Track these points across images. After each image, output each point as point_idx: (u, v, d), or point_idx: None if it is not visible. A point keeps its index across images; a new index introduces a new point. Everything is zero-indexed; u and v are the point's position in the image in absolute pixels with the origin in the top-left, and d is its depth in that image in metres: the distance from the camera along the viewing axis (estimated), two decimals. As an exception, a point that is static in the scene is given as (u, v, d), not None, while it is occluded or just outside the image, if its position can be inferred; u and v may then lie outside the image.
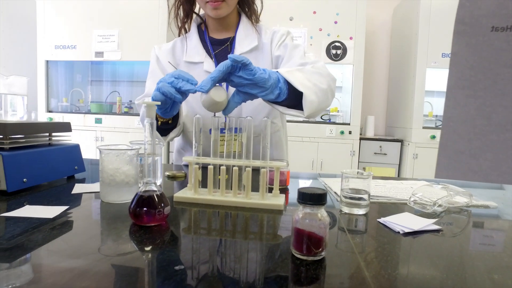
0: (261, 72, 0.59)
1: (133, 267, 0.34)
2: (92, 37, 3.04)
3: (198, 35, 0.92)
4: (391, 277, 0.33)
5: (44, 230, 0.42)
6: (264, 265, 0.35)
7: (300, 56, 0.84)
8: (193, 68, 0.90)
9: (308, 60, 0.81)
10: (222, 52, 0.90)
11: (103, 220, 0.50)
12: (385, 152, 2.80)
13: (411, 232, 0.45)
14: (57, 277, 0.31)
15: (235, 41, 0.90)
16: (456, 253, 0.41)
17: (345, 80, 3.18)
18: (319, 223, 0.35)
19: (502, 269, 0.35)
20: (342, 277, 0.33)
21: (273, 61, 0.89)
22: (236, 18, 0.93)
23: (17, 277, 0.31)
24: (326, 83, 0.74)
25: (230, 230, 0.47)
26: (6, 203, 0.53)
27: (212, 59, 0.89)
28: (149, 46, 2.90)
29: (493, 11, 0.26)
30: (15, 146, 0.58)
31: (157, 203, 0.44)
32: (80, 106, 3.42)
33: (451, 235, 0.46)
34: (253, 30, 0.90)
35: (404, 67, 2.96)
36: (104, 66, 3.56)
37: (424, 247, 0.42)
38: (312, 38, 2.78)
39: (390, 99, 3.34)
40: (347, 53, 2.74)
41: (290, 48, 0.86)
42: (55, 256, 0.36)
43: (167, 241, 0.41)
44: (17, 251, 0.36)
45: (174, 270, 0.33)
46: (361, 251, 0.39)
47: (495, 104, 0.27)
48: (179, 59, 0.92)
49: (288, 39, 0.89)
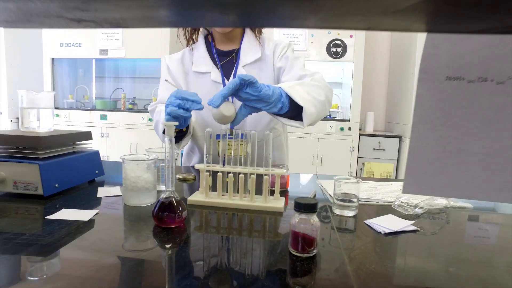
0: (266, 89, 0.67)
1: (158, 262, 0.42)
2: (96, 34, 3.10)
3: (205, 46, 0.99)
4: (369, 271, 0.41)
5: (83, 230, 0.51)
6: (266, 260, 0.43)
7: (300, 67, 0.91)
8: (201, 77, 0.97)
9: (308, 72, 0.89)
10: (228, 63, 0.97)
11: (129, 221, 0.58)
12: (383, 148, 2.88)
13: (391, 232, 0.53)
14: (115, 268, 0.39)
15: (240, 53, 0.97)
16: (426, 250, 0.49)
17: (345, 76, 3.24)
18: (311, 227, 0.43)
19: (459, 263, 0.44)
20: (329, 270, 0.41)
21: (275, 72, 0.96)
22: (241, 30, 1.00)
23: (59, 268, 0.39)
24: (324, 94, 0.81)
25: (237, 229, 0.55)
26: (43, 206, 0.62)
27: (219, 70, 0.96)
28: (152, 43, 2.98)
29: (448, 64, 0.33)
30: (48, 156, 0.66)
31: (176, 208, 0.52)
32: (85, 102, 3.50)
33: (427, 234, 0.54)
34: (256, 42, 0.97)
35: (403, 63, 3.01)
36: (107, 62, 3.62)
37: (400, 245, 0.50)
38: (313, 36, 2.83)
39: (390, 95, 3.40)
40: (347, 50, 2.79)
41: (291, 60, 0.93)
42: (96, 252, 0.44)
43: (185, 239, 0.50)
44: (62, 249, 0.44)
45: (194, 264, 0.41)
46: (347, 248, 0.47)
47: (449, 136, 0.35)
48: (187, 69, 0.99)
49: (289, 51, 0.96)
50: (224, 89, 0.65)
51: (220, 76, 0.95)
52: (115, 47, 3.09)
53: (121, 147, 3.13)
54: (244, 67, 0.95)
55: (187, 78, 0.99)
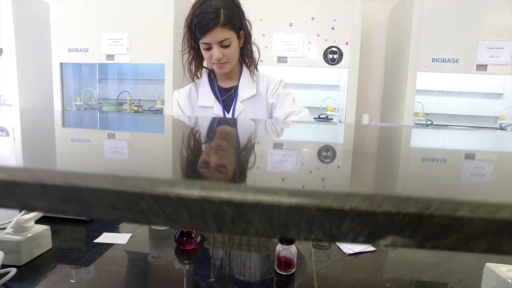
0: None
1: (182, 274, 0.59)
2: (102, 40, 3.24)
3: (209, 82, 1.15)
4: (332, 283, 0.58)
5: (124, 251, 0.68)
6: (258, 273, 0.61)
7: (290, 104, 1.08)
8: (206, 110, 1.14)
9: (296, 109, 1.05)
10: (228, 98, 1.14)
11: (154, 243, 0.75)
12: (377, 150, 3.04)
13: (354, 253, 0.70)
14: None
15: (238, 89, 1.13)
16: (376, 268, 0.66)
17: (342, 79, 3.38)
18: (291, 254, 0.60)
19: (395, 280, 0.61)
20: (302, 284, 0.58)
21: (268, 107, 1.12)
22: (238, 69, 1.16)
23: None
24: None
25: (238, 243, 0.73)
26: (86, 228, 0.79)
27: (220, 104, 1.12)
28: (157, 49, 3.12)
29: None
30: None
31: (192, 234, 0.69)
32: (91, 104, 3.66)
33: (382, 254, 0.71)
34: (251, 80, 1.13)
35: (398, 68, 3.15)
36: (112, 64, 3.76)
37: (358, 264, 0.67)
38: (310, 43, 2.96)
39: (385, 97, 3.54)
40: (343, 57, 2.93)
41: (281, 97, 1.09)
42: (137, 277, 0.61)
43: (199, 257, 0.67)
44: (107, 267, 0.62)
45: (207, 275, 0.58)
46: (318, 265, 0.64)
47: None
48: (194, 103, 1.16)
49: (280, 88, 1.12)
50: None
51: (221, 110, 1.12)
52: (120, 52, 3.23)
53: (128, 148, 3.29)
54: (241, 102, 1.11)
55: (194, 111, 1.15)
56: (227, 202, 0.18)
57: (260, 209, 0.18)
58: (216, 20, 0.97)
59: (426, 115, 3.18)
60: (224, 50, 1.02)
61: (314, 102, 3.47)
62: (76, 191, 0.20)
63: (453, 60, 2.71)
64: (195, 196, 0.19)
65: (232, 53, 1.04)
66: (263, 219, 0.18)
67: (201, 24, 0.97)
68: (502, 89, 3.21)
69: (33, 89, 3.58)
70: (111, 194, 0.19)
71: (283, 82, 1.15)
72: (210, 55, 1.03)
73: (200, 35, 1.00)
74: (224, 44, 1.01)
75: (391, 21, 3.43)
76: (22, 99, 3.42)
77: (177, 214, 0.19)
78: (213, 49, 1.01)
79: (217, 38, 0.99)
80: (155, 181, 0.19)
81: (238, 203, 0.18)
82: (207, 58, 1.06)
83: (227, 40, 1.01)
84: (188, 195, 0.19)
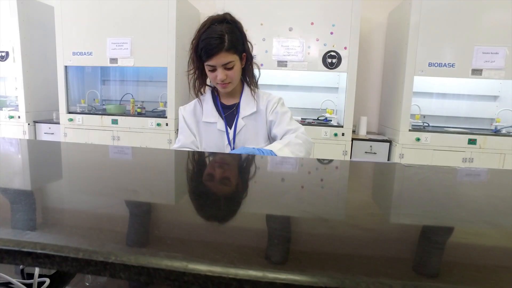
0: (261, 157, 0.92)
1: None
2: (106, 44, 3.31)
3: (212, 99, 1.23)
4: None
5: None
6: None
7: (287, 122, 1.16)
8: (209, 126, 1.22)
9: (293, 127, 1.14)
10: (230, 114, 1.22)
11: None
12: (375, 151, 3.11)
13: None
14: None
15: (239, 107, 1.20)
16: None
17: (341, 81, 3.44)
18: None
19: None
20: None
21: (267, 123, 1.20)
22: (240, 87, 1.24)
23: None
24: (304, 150, 1.06)
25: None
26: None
27: (223, 120, 1.20)
28: (159, 52, 3.19)
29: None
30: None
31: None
32: (95, 106, 3.74)
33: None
34: (252, 98, 1.21)
35: (395, 71, 3.21)
36: (116, 68, 3.83)
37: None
38: (309, 48, 3.02)
39: (383, 99, 3.61)
40: (341, 61, 3.00)
41: (280, 115, 1.17)
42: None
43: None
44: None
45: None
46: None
47: None
48: (198, 119, 1.23)
49: (279, 106, 1.20)
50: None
51: (224, 126, 1.20)
52: (124, 56, 3.30)
53: (132, 150, 3.38)
54: (243, 119, 1.19)
55: (198, 126, 1.23)
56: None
57: None
58: (221, 45, 1.05)
59: (423, 117, 3.25)
60: (227, 72, 1.10)
61: (313, 104, 3.54)
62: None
63: (449, 65, 2.78)
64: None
65: (235, 74, 1.12)
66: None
67: (207, 48, 1.05)
68: (497, 91, 3.27)
69: (38, 91, 3.65)
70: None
71: (282, 100, 1.23)
72: (215, 76, 1.11)
73: (205, 58, 1.08)
74: (228, 67, 1.10)
75: (389, 24, 3.50)
76: (27, 101, 3.50)
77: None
78: (218, 70, 1.10)
79: (221, 61, 1.07)
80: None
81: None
82: (212, 79, 1.14)
83: (231, 63, 1.09)
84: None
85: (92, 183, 0.63)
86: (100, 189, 0.59)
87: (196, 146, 1.23)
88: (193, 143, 1.22)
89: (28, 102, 3.55)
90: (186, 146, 1.22)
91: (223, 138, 1.19)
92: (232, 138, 1.18)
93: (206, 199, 0.54)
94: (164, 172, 0.78)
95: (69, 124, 3.45)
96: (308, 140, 1.13)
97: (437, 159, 2.92)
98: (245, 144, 1.17)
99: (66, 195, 0.56)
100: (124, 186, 0.61)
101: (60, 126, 3.48)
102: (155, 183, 0.63)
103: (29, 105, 3.56)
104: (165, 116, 3.34)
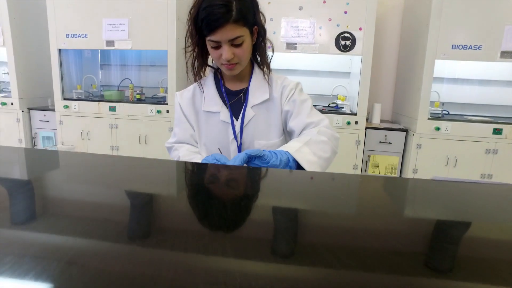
0: (274, 160, 0.72)
1: None
2: (102, 26, 3.08)
3: (215, 84, 1.00)
4: None
5: None
6: None
7: (307, 113, 0.93)
8: (211, 117, 0.99)
9: (314, 119, 0.91)
10: (237, 102, 0.99)
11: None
12: (390, 141, 2.91)
13: None
14: None
15: (248, 92, 0.98)
16: None
17: (353, 66, 3.21)
18: None
19: None
20: None
21: (282, 114, 0.98)
22: (249, 69, 1.00)
23: None
24: (329, 150, 0.85)
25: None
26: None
27: (228, 109, 0.98)
28: (159, 35, 2.96)
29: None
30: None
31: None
32: (93, 92, 3.53)
33: None
34: (264, 82, 0.98)
35: (413, 54, 2.96)
36: (114, 50, 3.61)
37: None
38: (321, 29, 2.78)
39: (398, 86, 3.37)
40: (356, 44, 2.76)
41: (298, 104, 0.95)
42: None
43: None
44: None
45: None
46: None
47: None
48: (198, 108, 1.01)
49: (297, 93, 0.97)
50: (234, 162, 0.70)
51: (228, 116, 0.97)
52: (121, 38, 3.07)
53: (131, 138, 3.19)
54: (252, 108, 0.97)
55: (198, 117, 1.01)
56: None
57: None
58: (227, 15, 0.81)
59: (442, 104, 3.02)
60: (235, 50, 0.87)
61: (324, 90, 3.31)
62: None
63: (475, 47, 2.52)
64: None
65: (245, 53, 0.89)
66: None
67: (209, 19, 0.81)
68: (524, 77, 3.02)
69: (32, 76, 3.44)
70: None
71: (300, 86, 1.00)
72: (219, 55, 0.88)
73: (207, 32, 0.83)
74: (236, 43, 0.86)
75: (407, 4, 3.22)
76: (20, 87, 3.30)
77: None
78: (223, 48, 0.86)
79: (228, 36, 0.83)
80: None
81: None
82: (215, 58, 0.90)
83: (239, 38, 0.85)
84: None
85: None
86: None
87: (196, 140, 1.02)
88: (192, 137, 1.01)
89: (21, 88, 3.35)
90: (183, 141, 1.01)
91: (228, 132, 0.97)
92: (239, 132, 0.96)
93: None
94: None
95: (65, 111, 3.26)
96: (334, 135, 0.91)
97: (457, 150, 2.71)
98: (254, 139, 0.96)
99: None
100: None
101: (55, 113, 3.30)
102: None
103: (22, 91, 3.36)
104: (166, 102, 3.14)
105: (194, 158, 0.94)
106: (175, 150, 1.00)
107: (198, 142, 1.01)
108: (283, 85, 0.98)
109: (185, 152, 0.97)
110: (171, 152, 1.01)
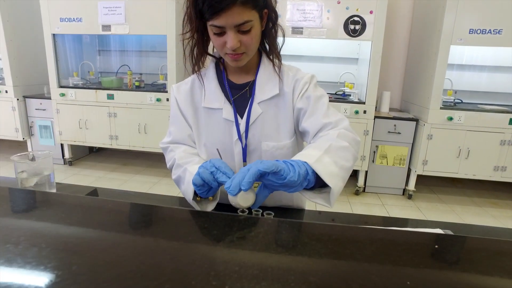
0: (291, 176, 0.61)
1: None
2: (97, 9, 2.91)
3: (217, 76, 0.87)
4: None
5: None
6: None
7: (323, 113, 0.80)
8: (212, 114, 0.87)
9: (332, 119, 0.78)
10: (241, 97, 0.86)
11: None
12: (399, 131, 2.79)
13: None
14: None
15: (255, 86, 0.85)
16: None
17: (361, 52, 3.05)
18: None
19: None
20: None
21: (294, 112, 0.85)
22: (257, 59, 0.87)
23: None
24: (351, 157, 0.73)
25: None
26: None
27: (231, 105, 0.85)
28: (157, 19, 2.79)
29: None
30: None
31: None
32: (91, 79, 3.40)
33: None
34: (274, 75, 0.85)
35: (426, 40, 2.80)
36: (111, 36, 3.46)
37: None
38: (329, 12, 2.62)
39: (408, 72, 3.22)
40: (366, 28, 2.59)
41: (313, 101, 0.81)
42: None
43: None
44: None
45: None
46: None
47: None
48: (197, 103, 0.88)
49: (311, 88, 0.84)
50: (244, 182, 0.60)
51: (232, 113, 0.84)
52: (117, 22, 2.92)
53: (130, 127, 3.09)
54: (259, 104, 0.84)
55: (197, 115, 0.88)
56: None
57: None
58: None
59: (455, 93, 2.88)
60: (242, 37, 0.73)
61: (331, 77, 3.17)
62: None
63: (494, 31, 2.36)
64: None
65: (253, 41, 0.75)
66: None
67: (212, 0, 0.68)
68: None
69: (27, 63, 3.29)
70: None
71: (315, 79, 0.86)
72: (223, 43, 0.74)
73: (210, 15, 0.70)
74: (243, 29, 0.72)
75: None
76: (14, 74, 3.16)
77: None
78: (227, 34, 0.73)
79: (234, 20, 0.70)
80: None
81: None
82: (218, 46, 0.77)
83: (247, 24, 0.72)
84: None
85: None
86: None
87: (194, 141, 0.90)
88: (189, 137, 0.89)
89: (16, 75, 3.21)
90: (180, 141, 0.89)
91: (231, 132, 0.85)
92: (243, 132, 0.84)
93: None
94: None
95: (61, 99, 3.14)
96: (356, 139, 0.78)
97: (470, 141, 2.60)
98: (261, 140, 0.84)
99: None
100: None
101: (52, 101, 3.18)
102: None
103: (16, 79, 3.23)
104: (166, 90, 3.01)
105: (192, 162, 0.83)
106: (170, 152, 0.88)
107: (197, 142, 0.89)
108: (296, 78, 0.85)
109: (181, 154, 0.86)
110: (167, 153, 0.90)
